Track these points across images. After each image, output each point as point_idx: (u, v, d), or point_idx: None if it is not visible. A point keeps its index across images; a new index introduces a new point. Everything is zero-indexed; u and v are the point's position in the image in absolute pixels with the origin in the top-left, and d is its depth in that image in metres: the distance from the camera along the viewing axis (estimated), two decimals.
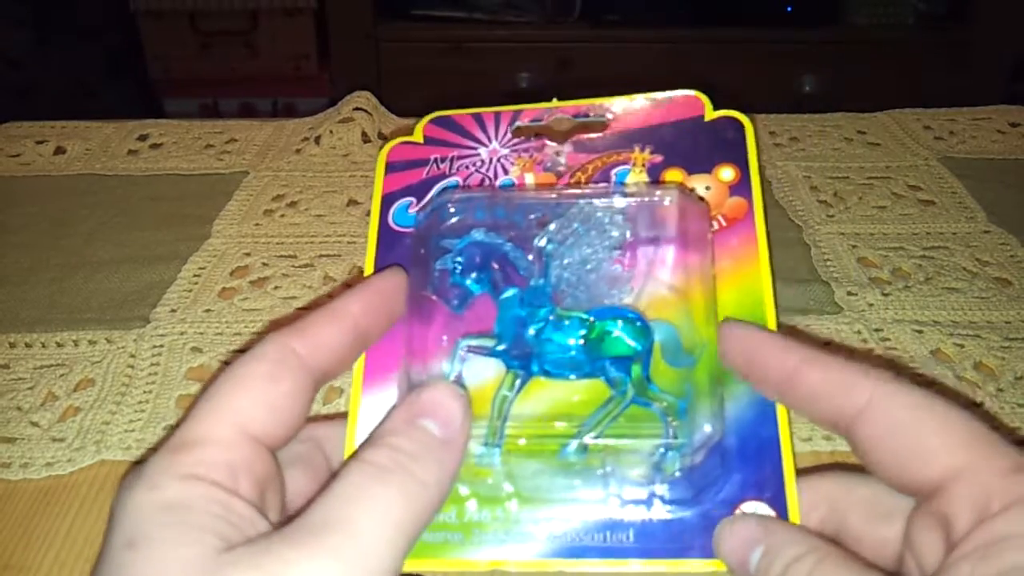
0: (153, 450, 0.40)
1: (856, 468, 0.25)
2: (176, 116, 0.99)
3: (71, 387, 0.44)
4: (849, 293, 0.49)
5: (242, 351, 0.43)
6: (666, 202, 0.29)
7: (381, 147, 0.31)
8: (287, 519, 0.23)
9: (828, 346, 0.45)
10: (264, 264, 0.53)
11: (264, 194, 0.61)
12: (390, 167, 0.31)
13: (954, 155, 0.65)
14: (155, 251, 0.54)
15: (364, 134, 0.68)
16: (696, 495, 0.25)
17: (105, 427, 0.41)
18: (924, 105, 0.72)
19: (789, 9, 1.57)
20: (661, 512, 0.26)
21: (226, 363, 0.45)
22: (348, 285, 0.51)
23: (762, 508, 0.25)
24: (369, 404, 0.27)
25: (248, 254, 0.54)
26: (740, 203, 0.29)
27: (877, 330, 0.46)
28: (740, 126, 0.30)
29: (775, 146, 0.67)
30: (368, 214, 0.59)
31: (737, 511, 0.25)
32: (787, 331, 0.46)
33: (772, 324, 0.27)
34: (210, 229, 0.57)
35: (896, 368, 0.42)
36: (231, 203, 0.60)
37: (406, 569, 0.25)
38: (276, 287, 0.51)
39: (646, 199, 0.29)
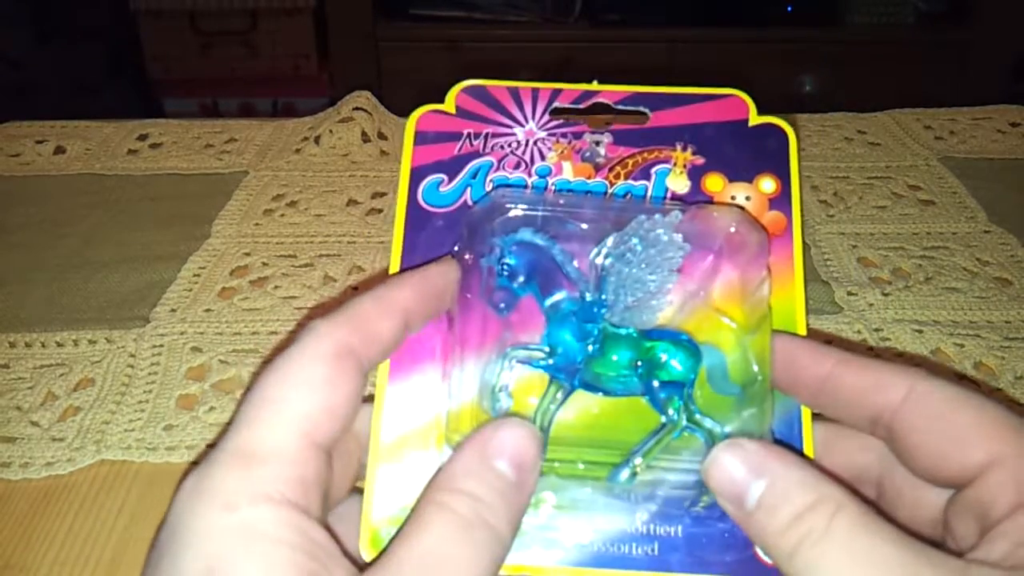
0: (195, 463, 0.40)
1: None
2: (176, 116, 0.99)
3: (71, 387, 0.44)
4: (849, 293, 0.49)
5: (280, 348, 0.43)
6: (731, 228, 0.27)
7: (408, 119, 0.29)
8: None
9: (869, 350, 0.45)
10: (264, 264, 0.53)
11: (264, 194, 0.61)
12: (419, 137, 0.29)
13: (954, 155, 0.65)
14: (155, 251, 0.54)
15: (364, 134, 0.68)
16: (722, 514, 0.25)
17: (105, 427, 0.41)
18: (924, 105, 0.72)
19: (789, 9, 1.57)
20: (687, 527, 0.25)
21: (266, 361, 0.45)
22: (355, 289, 0.51)
23: None
24: (394, 392, 0.26)
25: (248, 254, 0.54)
26: (779, 218, 0.28)
27: (877, 330, 0.46)
28: (783, 135, 0.29)
29: None
30: (369, 213, 0.59)
31: None
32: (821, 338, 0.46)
33: None
34: (210, 229, 0.57)
35: (930, 366, 0.42)
36: (231, 203, 0.60)
37: None
38: (276, 287, 0.51)
39: (707, 219, 0.27)
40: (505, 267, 0.27)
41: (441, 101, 0.30)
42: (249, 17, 1.71)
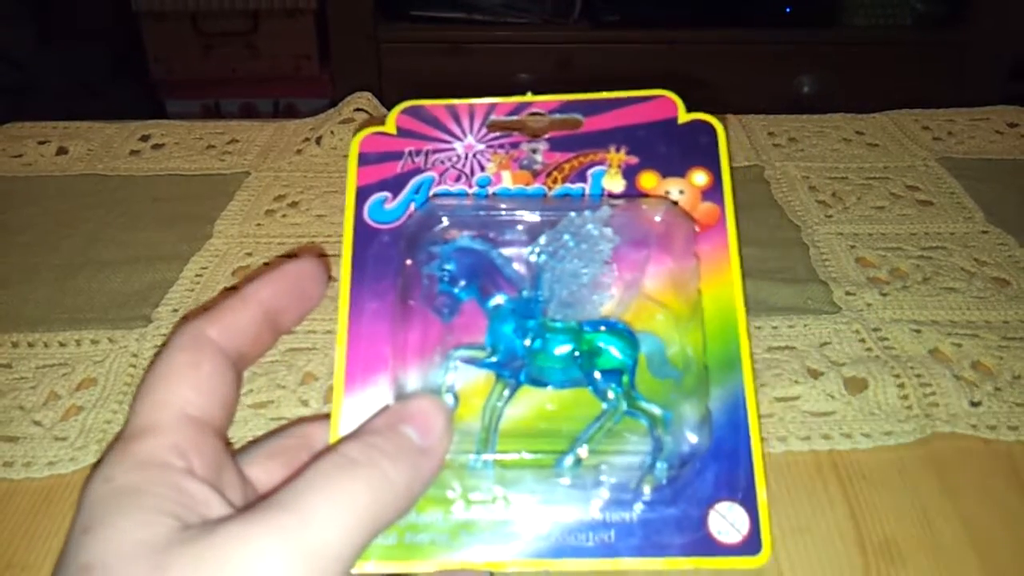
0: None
1: None
2: (178, 117, 1.00)
3: (73, 386, 0.44)
4: (847, 293, 0.49)
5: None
6: (656, 218, 0.29)
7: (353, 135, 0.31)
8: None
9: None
10: (266, 264, 0.53)
11: (265, 194, 0.61)
12: (363, 158, 0.30)
13: (952, 155, 0.65)
14: (157, 251, 0.55)
15: None
16: (674, 496, 0.26)
17: (107, 426, 0.41)
18: (922, 106, 0.72)
19: (788, 10, 1.57)
20: (641, 512, 0.26)
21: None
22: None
23: (735, 508, 0.26)
24: (351, 404, 0.27)
25: (250, 254, 0.54)
26: (712, 209, 0.29)
27: (875, 330, 0.46)
28: (712, 130, 0.30)
29: (774, 146, 0.67)
30: None
31: (712, 511, 0.26)
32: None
33: (743, 332, 0.28)
34: (212, 229, 0.57)
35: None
36: (233, 203, 0.60)
37: (394, 570, 0.26)
38: None
39: (635, 212, 0.29)
40: (446, 273, 0.28)
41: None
42: (251, 18, 1.71)
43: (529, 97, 0.31)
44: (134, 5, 1.65)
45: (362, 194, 0.30)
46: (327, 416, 0.28)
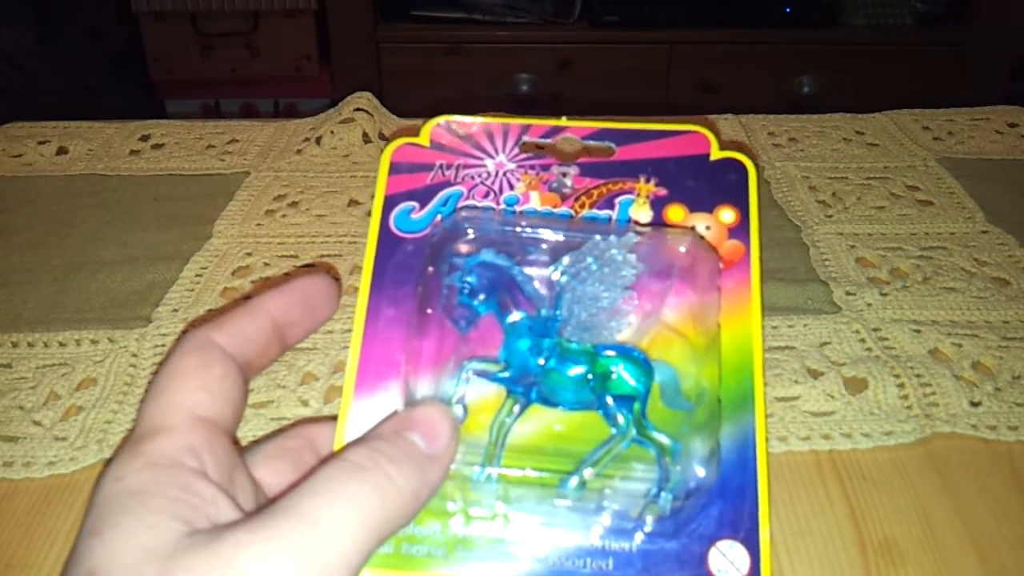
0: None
1: None
2: (178, 117, 1.00)
3: (73, 386, 0.44)
4: (847, 293, 0.49)
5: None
6: (681, 248, 0.29)
7: (385, 146, 0.31)
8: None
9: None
10: (266, 264, 0.53)
11: (265, 194, 0.61)
12: (394, 168, 0.31)
13: (952, 155, 0.65)
14: (157, 251, 0.55)
15: (365, 134, 0.68)
16: (677, 529, 0.26)
17: (107, 426, 0.41)
18: (922, 106, 0.72)
19: (788, 10, 1.57)
20: (641, 543, 0.26)
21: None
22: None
23: (736, 547, 0.26)
24: (359, 409, 0.27)
25: (250, 254, 0.54)
26: (737, 246, 0.29)
27: (875, 330, 0.46)
28: (743, 169, 0.30)
29: (774, 146, 0.67)
30: (369, 214, 0.59)
31: (713, 548, 0.26)
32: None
33: (759, 371, 0.28)
34: (212, 229, 0.57)
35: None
36: (233, 203, 0.60)
37: None
38: None
39: (660, 242, 0.29)
40: (467, 285, 0.28)
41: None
42: (251, 18, 1.71)
43: (564, 121, 0.31)
44: (134, 5, 1.65)
45: (389, 203, 0.30)
46: (329, 417, 0.28)
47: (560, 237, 0.29)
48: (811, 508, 0.37)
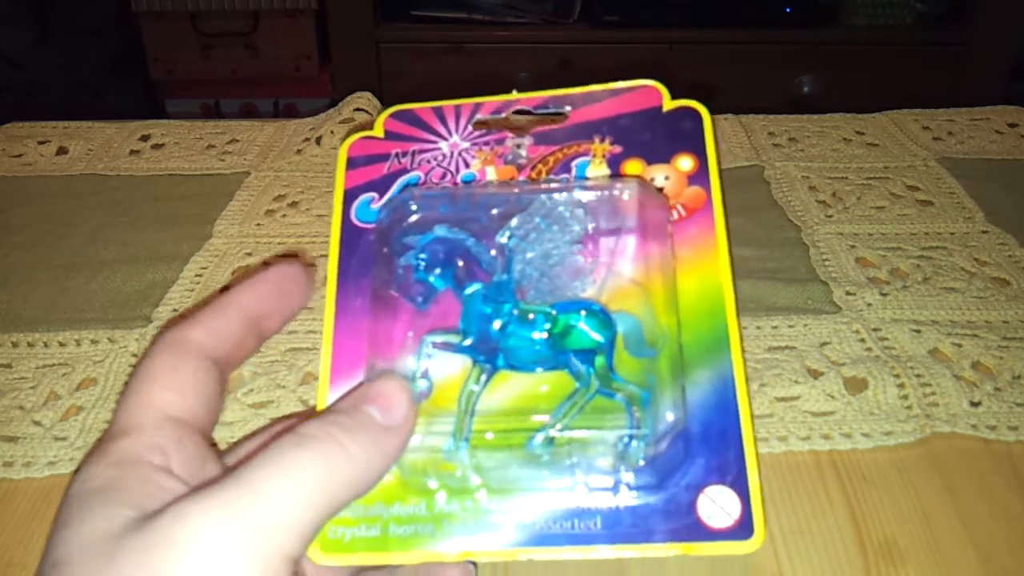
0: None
1: None
2: (178, 116, 1.00)
3: (73, 386, 0.44)
4: (847, 293, 0.49)
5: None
6: (625, 195, 0.29)
7: (340, 143, 0.31)
8: None
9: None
10: (266, 264, 0.53)
11: (265, 194, 0.61)
12: (351, 162, 0.31)
13: (952, 155, 0.65)
14: (157, 251, 0.55)
15: None
16: (661, 481, 0.26)
17: (107, 426, 0.41)
18: (922, 106, 0.72)
19: (788, 10, 1.57)
20: (627, 498, 0.26)
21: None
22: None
23: (725, 492, 0.26)
24: (336, 398, 0.27)
25: (249, 254, 0.54)
26: (699, 193, 0.29)
27: (875, 330, 0.46)
28: (698, 116, 0.30)
29: (774, 146, 0.67)
30: None
31: (701, 495, 0.26)
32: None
33: (731, 313, 0.27)
34: (212, 229, 0.57)
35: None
36: (232, 203, 0.60)
37: (378, 562, 0.26)
38: None
39: (606, 192, 0.29)
40: (421, 261, 0.28)
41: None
42: (250, 18, 1.71)
43: (514, 95, 0.31)
44: (134, 5, 1.65)
45: (350, 196, 0.30)
46: (310, 412, 0.28)
47: (507, 197, 0.29)
48: (811, 508, 0.37)
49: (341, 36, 1.60)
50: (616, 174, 0.30)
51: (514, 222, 0.28)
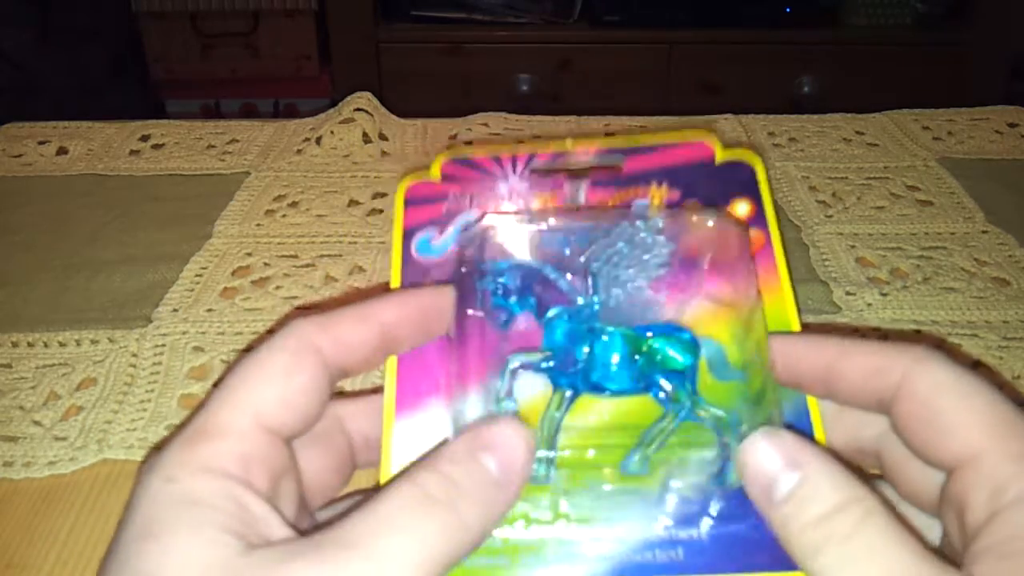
0: (157, 448, 0.40)
1: None
2: (178, 117, 1.00)
3: (73, 386, 0.44)
4: (847, 293, 0.49)
5: (247, 349, 0.43)
6: (709, 223, 0.29)
7: (398, 183, 0.31)
8: (302, 504, 0.24)
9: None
10: (266, 264, 0.53)
11: (265, 194, 0.61)
12: (408, 203, 0.31)
13: (952, 155, 0.65)
14: (157, 251, 0.55)
15: (365, 134, 0.68)
16: (744, 510, 0.25)
17: (107, 426, 0.41)
18: (922, 106, 0.72)
19: (788, 10, 1.57)
20: (709, 528, 0.26)
21: (246, 350, 0.45)
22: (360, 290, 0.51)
23: None
24: (403, 429, 0.27)
25: (250, 254, 0.54)
26: (757, 235, 0.30)
27: (875, 329, 0.46)
28: (750, 168, 0.31)
29: (774, 146, 0.67)
30: (370, 214, 0.59)
31: None
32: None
33: None
34: (212, 229, 0.57)
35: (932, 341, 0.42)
36: (232, 203, 0.60)
37: None
38: (277, 287, 0.51)
39: (686, 220, 0.29)
40: (500, 286, 0.28)
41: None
42: (250, 18, 1.71)
43: (569, 144, 0.31)
44: (134, 5, 1.66)
45: (408, 235, 0.30)
46: (354, 393, 0.28)
47: (589, 227, 0.29)
48: None
49: (341, 36, 1.60)
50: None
51: (596, 247, 0.29)
